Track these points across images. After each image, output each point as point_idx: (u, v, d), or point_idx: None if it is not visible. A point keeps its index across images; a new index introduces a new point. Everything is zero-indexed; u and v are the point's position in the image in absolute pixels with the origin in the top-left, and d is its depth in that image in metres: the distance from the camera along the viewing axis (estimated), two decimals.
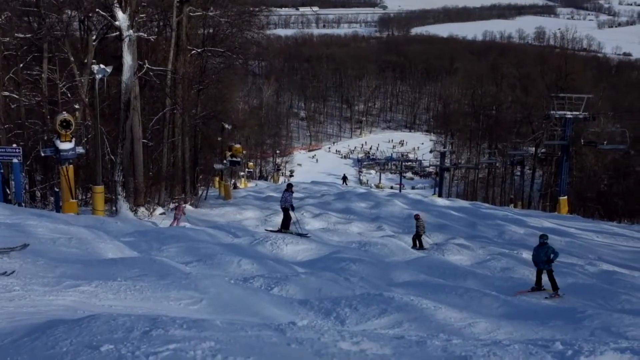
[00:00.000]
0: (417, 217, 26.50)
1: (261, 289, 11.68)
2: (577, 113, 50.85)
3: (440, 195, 71.88)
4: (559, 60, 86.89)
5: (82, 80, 33.27)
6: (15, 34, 34.35)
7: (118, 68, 29.60)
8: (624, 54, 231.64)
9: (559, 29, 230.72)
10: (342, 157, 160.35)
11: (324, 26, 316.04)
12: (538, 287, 17.00)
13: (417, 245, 25.66)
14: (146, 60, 33.57)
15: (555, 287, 16.61)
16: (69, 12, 35.96)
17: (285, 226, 24.22)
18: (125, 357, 4.14)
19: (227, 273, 13.34)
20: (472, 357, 5.17)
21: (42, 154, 28.68)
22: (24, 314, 6.28)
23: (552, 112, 52.33)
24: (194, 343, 4.43)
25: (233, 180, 65.36)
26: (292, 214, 24.42)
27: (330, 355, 4.83)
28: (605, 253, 26.56)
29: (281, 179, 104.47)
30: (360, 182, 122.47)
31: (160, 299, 7.83)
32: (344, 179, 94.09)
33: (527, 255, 23.79)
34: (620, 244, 29.80)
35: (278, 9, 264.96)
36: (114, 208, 29.93)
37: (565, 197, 50.36)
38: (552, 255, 16.90)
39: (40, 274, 8.56)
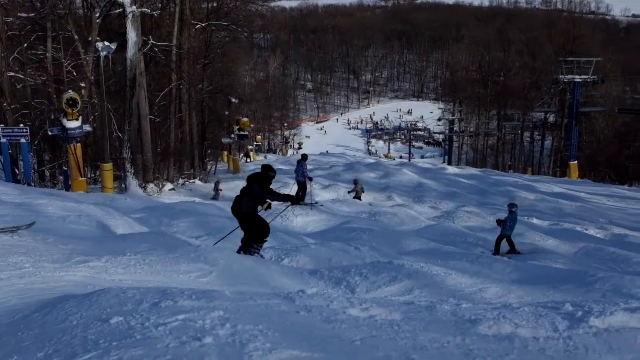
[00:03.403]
0: (355, 182, 29.72)
1: (271, 260, 11.71)
2: (586, 77, 50.73)
3: (449, 163, 71.92)
4: (566, 24, 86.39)
5: (87, 58, 33.17)
6: (18, 14, 34.25)
7: (122, 45, 29.55)
8: (633, 15, 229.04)
9: None
10: (350, 128, 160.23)
11: None
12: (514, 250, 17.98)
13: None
14: (150, 36, 33.50)
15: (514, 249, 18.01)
16: None
17: (300, 198, 24.24)
18: (134, 328, 4.15)
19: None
20: (481, 320, 5.17)
21: (50, 133, 28.65)
22: (35, 291, 6.31)
23: (560, 76, 52.19)
24: (202, 313, 4.44)
25: (242, 154, 65.43)
26: (308, 184, 24.64)
27: (340, 321, 4.83)
28: (616, 216, 26.52)
29: (290, 151, 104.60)
30: (369, 152, 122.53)
31: (170, 272, 7.85)
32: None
33: (538, 220, 23.87)
34: (631, 207, 29.75)
35: None
36: (123, 185, 30.02)
37: (576, 161, 50.37)
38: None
39: (50, 251, 8.59)
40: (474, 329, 4.99)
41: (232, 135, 49.96)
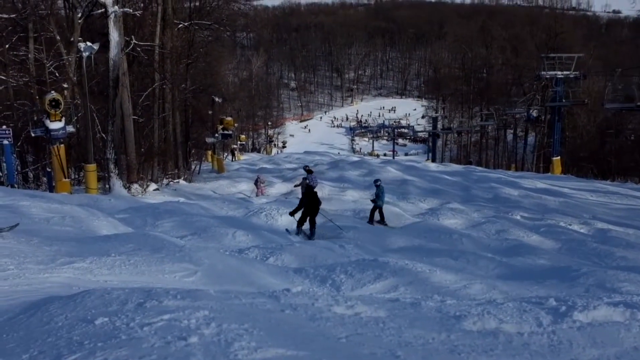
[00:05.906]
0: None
1: (256, 259, 11.69)
2: (568, 72, 50.93)
3: (433, 161, 72.06)
4: (548, 20, 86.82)
5: (70, 59, 32.93)
6: (0, 15, 34.02)
7: (105, 45, 29.36)
8: (614, 11, 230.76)
9: None
10: (334, 126, 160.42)
11: None
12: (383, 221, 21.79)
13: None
14: (133, 36, 33.33)
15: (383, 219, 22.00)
16: None
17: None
18: (119, 329, 4.14)
19: (222, 245, 13.36)
20: (466, 316, 5.20)
21: (33, 135, 28.46)
22: (19, 293, 6.28)
23: (542, 72, 52.41)
24: (188, 312, 4.44)
25: (226, 154, 65.36)
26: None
27: (325, 319, 4.85)
28: (599, 212, 26.61)
29: (274, 150, 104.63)
30: (354, 150, 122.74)
31: (155, 273, 7.83)
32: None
33: (522, 216, 23.94)
34: (614, 202, 29.86)
35: None
36: (107, 186, 29.86)
37: (559, 157, 50.56)
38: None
39: (34, 253, 8.55)
40: (458, 325, 5.03)
41: (216, 135, 49.87)
